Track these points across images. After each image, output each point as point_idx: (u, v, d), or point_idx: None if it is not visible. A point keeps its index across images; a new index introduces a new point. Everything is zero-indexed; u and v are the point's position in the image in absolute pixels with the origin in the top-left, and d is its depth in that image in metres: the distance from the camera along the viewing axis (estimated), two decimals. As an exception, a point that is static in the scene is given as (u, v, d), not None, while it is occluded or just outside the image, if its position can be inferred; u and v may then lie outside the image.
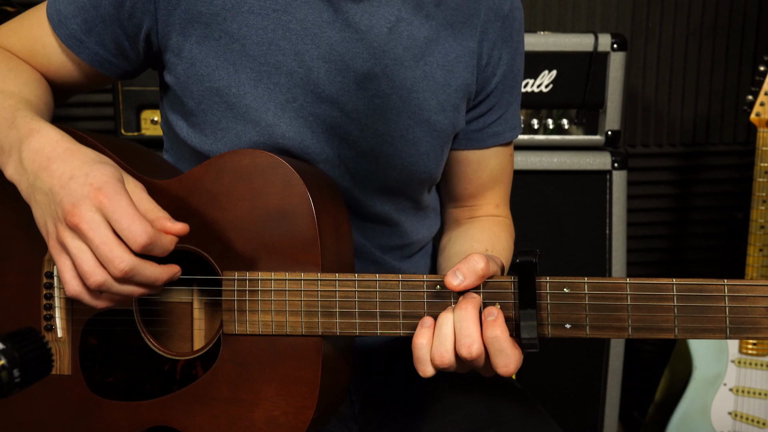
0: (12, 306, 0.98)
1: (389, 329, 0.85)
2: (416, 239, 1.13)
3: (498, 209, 1.18)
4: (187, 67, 0.96)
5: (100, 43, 0.98)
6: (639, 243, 2.52)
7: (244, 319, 0.88)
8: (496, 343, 0.78)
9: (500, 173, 1.16)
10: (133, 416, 0.93)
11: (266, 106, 0.96)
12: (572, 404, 1.97)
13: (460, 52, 1.03)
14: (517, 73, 1.11)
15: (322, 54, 0.96)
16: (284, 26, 0.95)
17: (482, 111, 1.09)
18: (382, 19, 0.98)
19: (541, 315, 0.80)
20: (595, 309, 0.79)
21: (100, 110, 2.35)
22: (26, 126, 0.85)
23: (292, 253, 0.87)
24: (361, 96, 0.98)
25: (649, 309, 0.78)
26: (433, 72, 1.01)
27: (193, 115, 0.99)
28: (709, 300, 0.77)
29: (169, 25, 0.95)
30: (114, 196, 0.77)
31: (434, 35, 1.01)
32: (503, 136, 1.12)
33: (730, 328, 0.77)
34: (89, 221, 0.76)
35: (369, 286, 0.85)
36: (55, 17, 0.97)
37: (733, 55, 2.44)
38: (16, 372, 0.75)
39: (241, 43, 0.95)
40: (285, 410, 0.87)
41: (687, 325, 0.78)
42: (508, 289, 0.81)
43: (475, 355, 0.79)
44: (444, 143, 1.06)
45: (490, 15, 1.04)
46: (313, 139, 0.98)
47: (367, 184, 1.03)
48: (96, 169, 0.79)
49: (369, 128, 1.00)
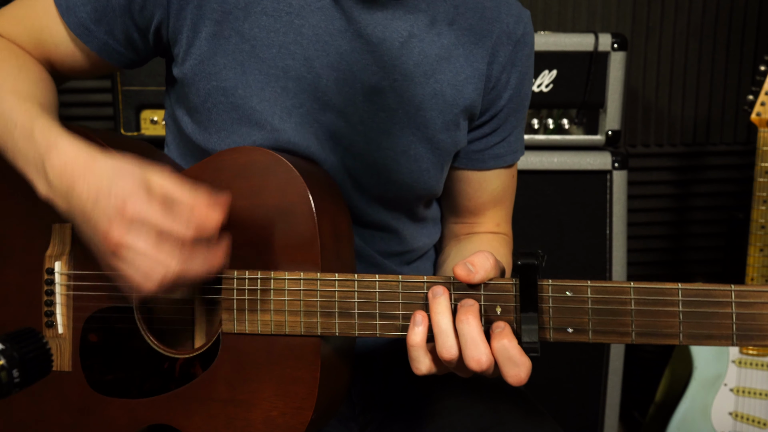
0: (13, 303, 0.98)
1: (389, 330, 0.84)
2: (416, 246, 1.12)
3: (499, 227, 1.16)
4: (195, 63, 0.96)
5: (109, 33, 0.97)
6: (639, 243, 2.52)
7: (243, 319, 0.88)
8: (505, 353, 0.77)
9: (502, 194, 1.14)
10: (132, 414, 0.93)
11: (272, 110, 0.95)
12: (572, 404, 1.97)
13: (470, 72, 1.02)
14: (524, 98, 1.09)
15: (332, 62, 0.95)
16: (296, 30, 0.95)
17: (485, 132, 1.08)
18: (394, 33, 0.97)
19: (542, 318, 0.79)
20: (598, 313, 0.77)
21: (100, 110, 2.35)
22: (45, 140, 0.84)
23: (291, 252, 0.86)
24: (367, 108, 0.98)
25: (654, 314, 0.76)
26: (443, 90, 1.00)
27: (198, 112, 0.98)
28: (716, 306, 0.74)
29: (180, 19, 0.94)
30: (142, 204, 0.76)
31: (445, 54, 1.00)
32: (504, 159, 1.11)
33: (737, 334, 0.74)
34: (128, 235, 0.76)
35: (369, 287, 0.84)
36: (63, 4, 0.96)
37: (733, 55, 2.44)
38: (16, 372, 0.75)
39: (252, 44, 0.94)
40: (283, 411, 0.87)
41: (692, 331, 0.75)
42: (509, 291, 0.80)
43: (485, 367, 0.77)
44: (445, 161, 1.05)
45: (503, 38, 1.03)
46: (318, 146, 0.98)
47: (367, 194, 1.03)
48: (116, 183, 0.78)
49: (372, 141, 0.99)
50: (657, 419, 2.05)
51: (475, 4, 1.02)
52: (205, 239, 0.79)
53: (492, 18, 1.02)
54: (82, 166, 0.81)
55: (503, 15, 1.03)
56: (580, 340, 0.78)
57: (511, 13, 1.04)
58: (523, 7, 1.07)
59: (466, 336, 0.77)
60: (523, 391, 1.08)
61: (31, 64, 0.99)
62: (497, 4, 1.04)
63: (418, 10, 0.98)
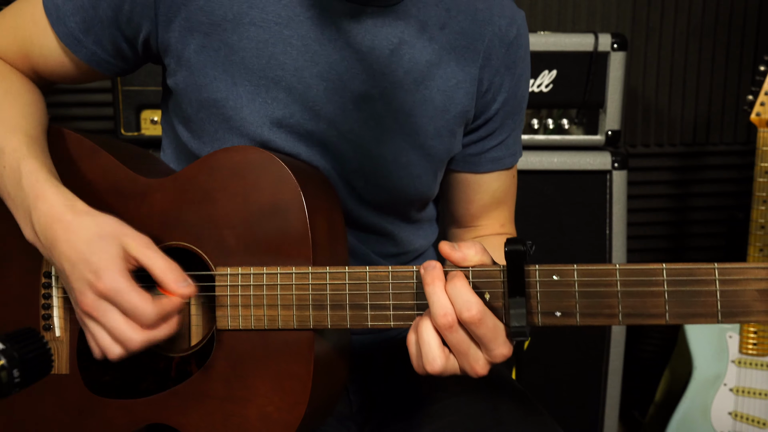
0: (12, 305, 0.98)
1: (380, 321, 0.85)
2: (412, 248, 1.12)
3: (503, 228, 1.16)
4: (186, 75, 0.96)
5: (97, 43, 0.97)
6: (639, 243, 2.52)
7: (237, 314, 0.89)
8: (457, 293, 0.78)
9: (503, 195, 1.14)
10: (130, 414, 0.93)
11: (262, 121, 0.95)
12: (572, 404, 1.97)
13: (461, 77, 1.01)
14: (520, 100, 1.08)
15: (321, 72, 0.95)
16: (285, 41, 0.94)
17: (481, 135, 1.07)
18: (384, 41, 0.96)
19: (530, 303, 0.79)
20: (585, 296, 0.78)
21: (100, 110, 2.34)
22: (32, 190, 0.87)
23: (284, 249, 0.87)
24: (357, 117, 0.97)
25: (640, 295, 0.77)
26: (433, 97, 1.00)
27: (192, 122, 0.99)
28: (700, 284, 0.75)
29: (168, 32, 0.94)
30: (113, 283, 0.81)
31: (436, 59, 0.99)
32: (502, 162, 1.10)
33: (722, 312, 0.75)
34: (97, 309, 0.82)
35: (360, 278, 0.85)
36: (54, 13, 0.96)
37: (733, 55, 2.44)
38: (16, 372, 0.75)
39: (241, 55, 0.94)
40: (278, 406, 0.88)
41: (678, 310, 0.76)
42: (497, 278, 0.80)
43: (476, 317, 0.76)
44: (437, 168, 1.05)
45: (495, 41, 1.02)
46: (309, 155, 0.98)
47: (359, 198, 1.03)
48: (94, 252, 0.82)
49: (362, 149, 0.99)
50: (657, 419, 2.05)
51: (467, 6, 1.01)
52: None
53: (484, 20, 1.01)
54: (65, 226, 0.84)
55: (495, 17, 1.02)
56: (568, 324, 0.79)
57: (504, 14, 1.03)
58: (516, 8, 1.06)
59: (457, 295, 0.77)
60: (523, 390, 1.08)
61: (18, 85, 0.99)
62: (489, 6, 1.02)
63: (408, 16, 0.97)
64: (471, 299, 0.77)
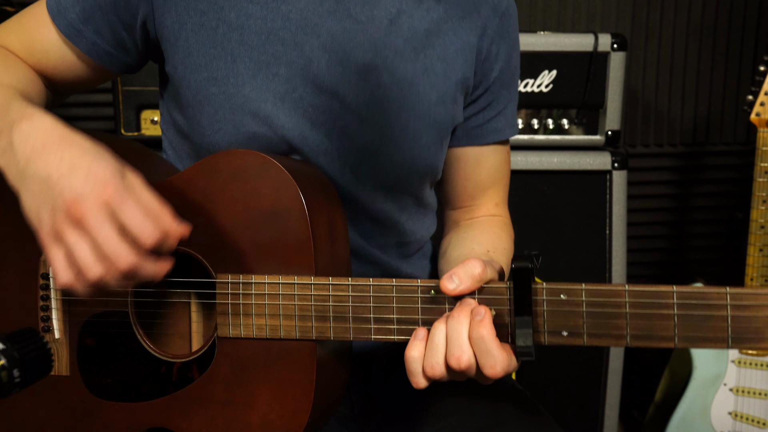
0: (10, 307, 0.98)
1: (383, 334, 0.84)
2: (414, 238, 1.12)
3: (497, 208, 1.17)
4: (185, 56, 0.96)
5: (97, 33, 0.97)
6: (639, 243, 2.52)
7: (238, 323, 0.88)
8: (482, 344, 0.77)
9: (498, 171, 1.16)
10: (131, 417, 0.93)
11: (265, 96, 0.95)
12: (572, 404, 1.97)
13: (459, 45, 1.03)
14: (514, 71, 1.11)
15: (323, 44, 0.96)
16: (284, 16, 0.95)
17: (481, 106, 1.09)
18: (383, 11, 0.98)
19: (537, 322, 0.78)
20: (592, 316, 0.77)
21: (100, 110, 2.35)
22: (20, 111, 0.83)
23: (285, 255, 0.86)
24: (362, 88, 0.98)
25: (649, 317, 0.75)
26: (433, 65, 1.01)
27: (191, 107, 0.98)
28: (711, 309, 0.74)
29: (165, 12, 0.95)
30: (122, 192, 0.76)
31: (435, 28, 1.01)
32: (503, 133, 1.12)
33: (732, 337, 0.73)
34: (95, 216, 0.74)
35: (363, 291, 0.84)
36: (55, 8, 0.97)
37: (733, 55, 2.44)
38: (16, 372, 0.75)
39: (240, 32, 0.95)
40: (280, 413, 0.87)
41: (687, 333, 0.74)
42: (503, 295, 0.79)
43: (464, 367, 0.77)
44: (443, 136, 1.06)
45: (489, 11, 1.05)
46: (312, 131, 0.98)
47: (368, 181, 1.02)
48: (98, 163, 0.77)
49: (368, 121, 0.99)
50: (657, 419, 2.05)
51: None
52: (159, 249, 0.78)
53: None
54: (58, 137, 0.79)
55: None
56: (575, 344, 0.78)
57: None
58: None
59: (453, 332, 0.77)
60: (523, 391, 1.08)
61: (20, 65, 0.99)
62: None
63: None
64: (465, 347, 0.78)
